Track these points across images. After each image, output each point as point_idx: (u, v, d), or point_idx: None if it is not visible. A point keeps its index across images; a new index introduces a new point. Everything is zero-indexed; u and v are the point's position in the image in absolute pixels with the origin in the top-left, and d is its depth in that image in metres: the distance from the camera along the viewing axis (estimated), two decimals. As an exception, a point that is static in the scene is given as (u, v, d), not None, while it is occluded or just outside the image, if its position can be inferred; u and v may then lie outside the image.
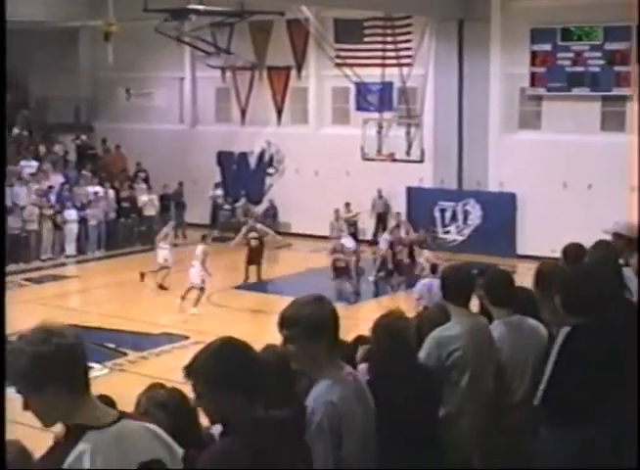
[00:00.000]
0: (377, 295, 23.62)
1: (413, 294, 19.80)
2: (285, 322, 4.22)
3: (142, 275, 23.49)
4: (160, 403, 5.19)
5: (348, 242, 24.16)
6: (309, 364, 4.29)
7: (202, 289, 21.20)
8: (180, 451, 3.48)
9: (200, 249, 21.67)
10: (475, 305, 6.23)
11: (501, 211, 26.60)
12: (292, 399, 4.36)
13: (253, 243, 23.99)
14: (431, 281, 17.98)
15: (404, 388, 5.23)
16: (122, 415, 3.36)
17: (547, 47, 25.67)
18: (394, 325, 5.55)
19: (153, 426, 3.42)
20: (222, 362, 3.64)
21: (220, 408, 3.68)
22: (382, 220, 28.33)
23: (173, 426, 5.10)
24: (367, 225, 28.41)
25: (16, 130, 32.33)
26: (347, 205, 27.90)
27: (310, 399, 4.20)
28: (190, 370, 3.69)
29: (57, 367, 3.17)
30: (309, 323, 4.16)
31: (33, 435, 3.32)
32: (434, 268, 18.78)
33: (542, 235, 24.20)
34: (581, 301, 5.33)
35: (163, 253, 23.25)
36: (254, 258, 23.98)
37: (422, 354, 5.72)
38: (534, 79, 26.06)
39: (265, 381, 3.77)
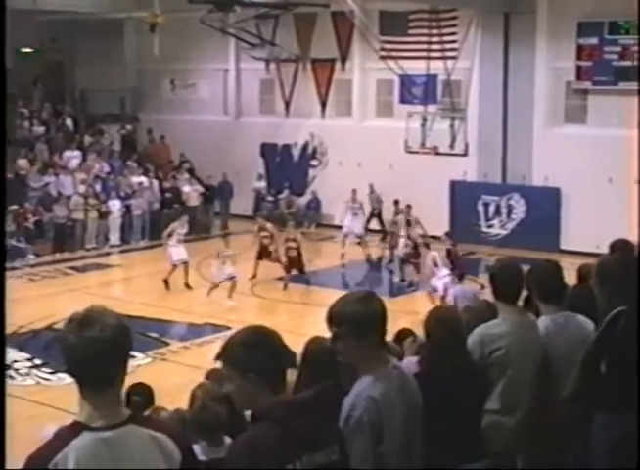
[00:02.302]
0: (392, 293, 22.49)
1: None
2: (333, 319, 4.18)
3: (166, 282, 22.30)
4: (217, 397, 5.23)
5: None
6: (356, 360, 4.25)
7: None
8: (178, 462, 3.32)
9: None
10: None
11: (545, 205, 26.38)
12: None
13: (265, 241, 23.02)
14: (462, 290, 18.10)
15: (457, 381, 5.20)
16: (133, 419, 3.23)
17: (594, 41, 25.39)
18: (449, 317, 5.54)
19: (162, 436, 3.25)
20: (247, 348, 3.63)
21: (245, 393, 3.67)
22: (376, 216, 28.53)
23: (231, 418, 5.15)
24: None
25: (62, 120, 32.61)
26: (397, 202, 27.08)
27: (352, 395, 4.17)
28: (220, 355, 3.71)
29: (72, 361, 3.17)
30: (358, 321, 4.12)
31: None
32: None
33: (586, 230, 24.03)
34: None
35: (177, 250, 22.36)
36: (263, 254, 23.09)
37: (463, 349, 5.69)
38: (580, 73, 25.78)
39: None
